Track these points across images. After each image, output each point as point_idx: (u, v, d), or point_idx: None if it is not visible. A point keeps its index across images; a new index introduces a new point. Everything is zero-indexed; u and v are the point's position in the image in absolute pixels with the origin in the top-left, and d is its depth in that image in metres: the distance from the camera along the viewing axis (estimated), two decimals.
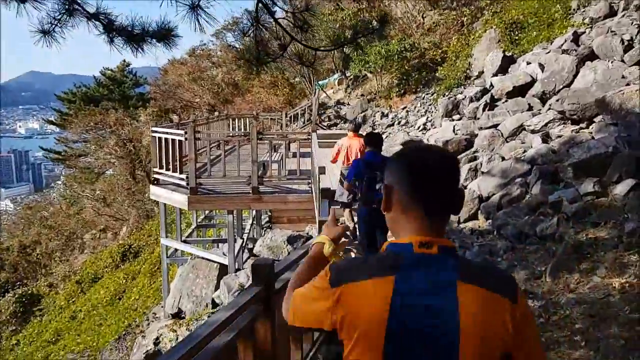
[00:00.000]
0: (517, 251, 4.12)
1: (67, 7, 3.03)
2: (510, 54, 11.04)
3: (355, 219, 5.28)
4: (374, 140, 4.90)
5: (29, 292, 20.59)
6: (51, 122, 36.33)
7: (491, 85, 10.38)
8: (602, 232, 3.66)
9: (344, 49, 3.53)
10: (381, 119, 15.56)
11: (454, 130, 8.67)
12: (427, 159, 1.13)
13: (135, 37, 3.39)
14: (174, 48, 3.73)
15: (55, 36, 3.18)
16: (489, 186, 5.76)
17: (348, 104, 19.71)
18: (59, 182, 36.45)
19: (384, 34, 3.58)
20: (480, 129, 7.73)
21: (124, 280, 17.32)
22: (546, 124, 6.43)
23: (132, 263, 18.67)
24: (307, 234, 6.43)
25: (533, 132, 6.57)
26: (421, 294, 1.02)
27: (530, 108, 7.51)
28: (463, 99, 10.64)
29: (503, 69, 10.42)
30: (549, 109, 6.85)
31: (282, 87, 24.05)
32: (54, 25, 3.13)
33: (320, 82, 23.73)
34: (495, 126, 7.43)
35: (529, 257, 3.88)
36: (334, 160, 6.24)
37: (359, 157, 5.62)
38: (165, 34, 3.68)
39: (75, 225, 26.32)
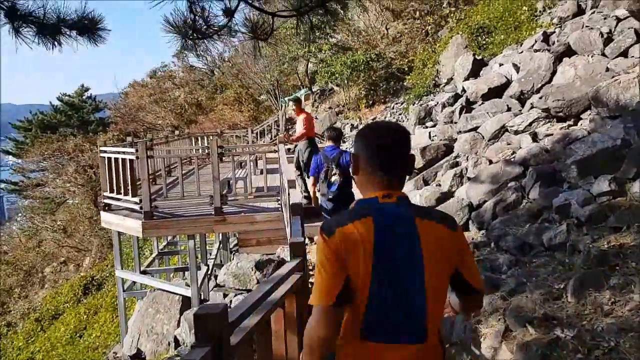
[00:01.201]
0: (523, 265, 3.52)
1: None
2: (480, 57, 10.75)
3: None
4: (333, 135, 5.26)
5: None
6: (7, 153, 34.52)
7: (463, 89, 10.02)
8: (627, 238, 3.10)
9: (309, 16, 2.77)
10: (351, 130, 15.07)
11: (429, 137, 8.18)
12: (381, 133, 1.55)
13: (48, 27, 2.65)
14: (100, 43, 3.00)
15: None
16: (478, 193, 5.19)
17: (316, 118, 19.20)
18: (20, 214, 34.59)
19: None
20: (459, 132, 7.24)
21: (85, 316, 16.22)
22: (530, 124, 5.98)
23: (94, 296, 17.61)
24: (278, 257, 5.71)
25: (516, 132, 6.10)
26: (392, 225, 1.43)
27: (509, 109, 7.08)
28: (435, 105, 10.23)
29: (474, 73, 10.09)
30: (532, 107, 6.42)
31: (246, 104, 23.46)
32: None
33: (286, 98, 23.24)
34: (475, 129, 6.95)
35: (539, 272, 3.28)
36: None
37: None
38: (88, 26, 2.95)
39: (35, 259, 25.03)
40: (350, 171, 1.56)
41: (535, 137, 5.70)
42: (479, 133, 6.81)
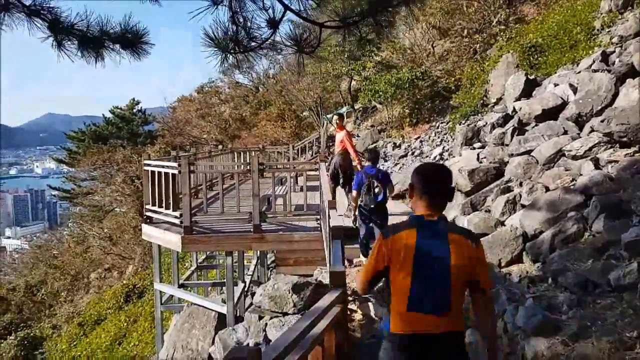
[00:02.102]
0: (586, 306, 3.17)
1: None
2: (532, 77, 10.29)
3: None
4: (371, 156, 6.33)
5: (32, 334, 20.07)
6: (60, 161, 36.30)
7: (514, 110, 9.59)
8: None
9: (358, 28, 2.59)
10: (393, 149, 14.78)
11: (478, 159, 7.80)
12: (429, 171, 2.31)
13: (91, 40, 2.60)
14: (144, 57, 2.94)
15: None
16: (534, 222, 4.82)
17: (358, 136, 19.03)
18: (70, 220, 36.17)
19: (416, 3, 2.66)
20: (512, 155, 6.84)
21: (125, 324, 16.53)
22: (590, 149, 5.54)
23: (135, 304, 17.95)
24: (316, 279, 5.52)
25: (575, 157, 5.67)
26: (429, 237, 2.12)
27: (565, 132, 6.64)
28: (484, 125, 9.84)
29: (526, 93, 9.64)
30: (592, 131, 5.98)
31: (289, 120, 23.62)
32: None
33: (328, 115, 23.24)
34: (528, 152, 6.54)
35: (605, 316, 2.93)
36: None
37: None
38: (132, 40, 2.90)
39: (82, 265, 25.95)
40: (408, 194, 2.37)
41: (597, 164, 5.27)
42: (533, 157, 6.40)
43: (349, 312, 4.26)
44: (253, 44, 2.69)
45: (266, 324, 4.91)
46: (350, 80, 21.87)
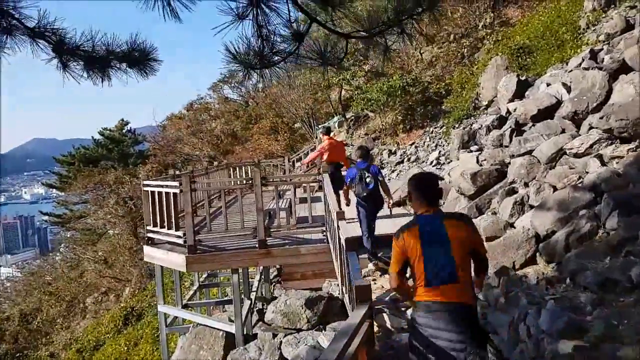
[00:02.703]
0: (609, 305, 3.15)
1: (1, 22, 2.23)
2: (524, 78, 10.40)
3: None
4: (362, 153, 6.96)
5: None
6: (51, 186, 35.88)
7: (508, 111, 9.68)
8: None
9: (384, 37, 2.60)
10: (389, 156, 14.81)
11: (478, 162, 7.83)
12: (420, 178, 3.04)
13: (97, 60, 2.55)
14: (151, 75, 2.89)
15: None
16: (545, 222, 4.81)
17: (352, 145, 19.05)
18: (62, 245, 35.64)
19: (439, 10, 2.66)
20: (512, 156, 6.87)
21: (126, 347, 16.23)
22: (591, 146, 5.58)
23: (134, 327, 17.65)
24: (328, 293, 5.45)
25: (576, 155, 5.71)
26: (429, 227, 2.79)
27: (563, 131, 6.69)
28: (479, 128, 9.90)
29: (519, 94, 9.74)
30: (590, 128, 6.02)
31: (282, 133, 23.61)
32: None
33: (320, 126, 23.27)
34: (529, 152, 6.57)
35: (630, 314, 2.90)
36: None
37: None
38: (139, 58, 2.85)
39: (77, 290, 25.53)
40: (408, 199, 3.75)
41: (602, 160, 5.30)
42: (534, 157, 6.43)
43: None
44: (277, 58, 2.65)
45: (281, 341, 4.82)
46: (340, 90, 21.96)
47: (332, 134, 22.40)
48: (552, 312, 3.17)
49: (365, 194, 6.48)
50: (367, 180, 6.53)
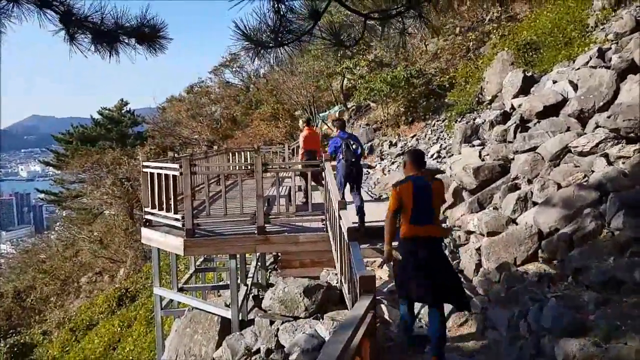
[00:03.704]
0: (614, 305, 3.13)
1: None
2: (530, 74, 10.31)
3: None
4: (340, 124, 8.02)
5: (22, 341, 19.73)
6: (48, 164, 35.70)
7: (512, 107, 9.60)
8: None
9: (402, 20, 2.53)
10: (389, 148, 14.74)
11: (480, 156, 7.78)
12: (416, 151, 4.71)
13: (105, 34, 2.46)
14: (160, 53, 2.80)
15: None
16: (549, 219, 4.78)
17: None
18: (58, 224, 35.55)
19: None
20: (516, 152, 6.82)
21: (119, 328, 16.27)
22: (597, 145, 5.54)
23: (128, 308, 17.69)
24: (326, 282, 5.43)
25: (581, 154, 5.67)
26: (419, 184, 4.13)
27: (568, 128, 6.64)
28: (482, 123, 9.84)
29: (524, 90, 9.66)
30: (597, 127, 5.97)
31: (282, 119, 23.47)
32: None
33: (321, 114, 23.14)
34: (533, 149, 6.53)
35: (634, 314, 2.88)
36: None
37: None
38: (149, 34, 2.75)
39: (72, 269, 25.54)
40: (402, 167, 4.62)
41: (607, 160, 5.26)
42: (539, 154, 6.39)
43: None
44: (290, 36, 2.56)
45: (278, 328, 4.81)
46: (342, 79, 21.81)
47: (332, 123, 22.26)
48: (554, 310, 3.15)
49: (353, 159, 7.22)
50: (354, 146, 7.31)
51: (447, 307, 4.15)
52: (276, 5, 2.37)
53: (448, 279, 3.91)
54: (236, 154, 14.83)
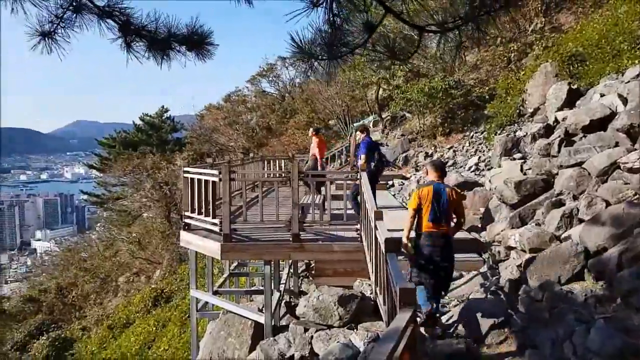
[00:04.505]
0: None
1: (72, 1, 2.28)
2: (575, 86, 10.01)
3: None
4: (368, 131, 8.72)
5: (62, 335, 20.45)
6: (92, 167, 37.13)
7: (556, 120, 9.34)
8: None
9: (459, 33, 2.52)
10: (425, 159, 14.58)
11: (522, 170, 7.59)
12: (437, 162, 5.60)
13: (159, 42, 2.58)
14: (207, 59, 2.91)
15: (57, 39, 2.42)
16: (597, 238, 4.61)
17: (387, 145, 18.88)
18: (99, 225, 36.85)
19: (516, 8, 2.55)
20: (560, 167, 6.62)
21: (154, 328, 16.65)
22: None
23: (163, 308, 18.08)
24: (361, 292, 5.41)
25: (631, 170, 5.44)
26: (438, 189, 5.02)
27: (617, 144, 6.39)
28: (524, 136, 9.61)
29: (569, 103, 9.38)
30: None
31: None
32: (55, 25, 2.38)
33: (355, 124, 23.17)
34: (579, 164, 6.31)
35: None
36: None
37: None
38: (197, 41, 2.87)
39: (111, 268, 26.30)
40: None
41: None
42: (585, 169, 6.17)
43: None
44: (344, 49, 2.60)
45: (312, 336, 4.82)
46: (377, 89, 21.79)
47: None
48: (603, 332, 3.02)
49: (379, 166, 8.16)
50: (376, 157, 8.13)
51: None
52: (332, 18, 2.42)
53: (448, 271, 5.07)
54: (271, 161, 15.01)
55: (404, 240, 4.94)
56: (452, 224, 5.08)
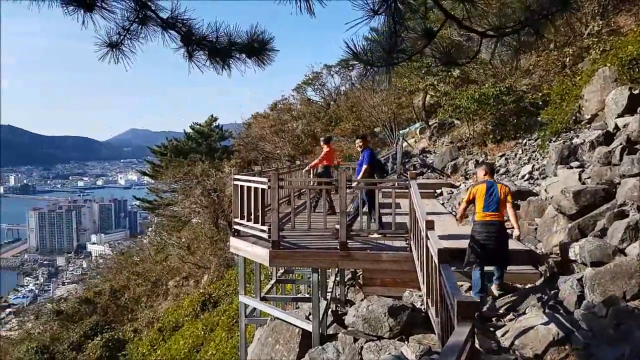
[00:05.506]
0: None
1: (138, 14, 2.40)
2: (637, 91, 9.49)
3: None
4: (368, 140, 9.05)
5: (115, 337, 21.12)
6: (145, 174, 38.70)
7: (616, 127, 8.89)
8: None
9: (518, 38, 2.47)
10: (475, 167, 14.20)
11: (580, 179, 7.25)
12: (487, 163, 8.58)
13: (220, 51, 2.67)
14: (267, 65, 2.97)
15: (124, 50, 2.56)
16: None
17: (434, 152, 18.55)
18: (150, 229, 38.27)
19: (574, 10, 2.47)
20: (623, 176, 6.27)
21: (203, 332, 17.00)
22: None
23: (211, 313, 18.43)
24: (411, 303, 5.31)
25: None
26: (490, 185, 6.18)
27: None
28: (581, 143, 9.18)
29: (631, 109, 8.90)
30: None
31: None
32: (122, 37, 2.51)
33: (401, 131, 22.93)
34: None
35: None
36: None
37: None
38: (257, 48, 2.94)
39: (161, 272, 27.04)
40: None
41: None
42: None
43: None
44: (402, 55, 2.60)
45: (362, 347, 4.78)
46: (424, 96, 21.49)
47: (413, 140, 21.99)
48: None
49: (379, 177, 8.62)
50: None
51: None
52: (392, 26, 2.42)
53: (502, 250, 5.99)
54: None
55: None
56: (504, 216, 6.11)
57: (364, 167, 8.32)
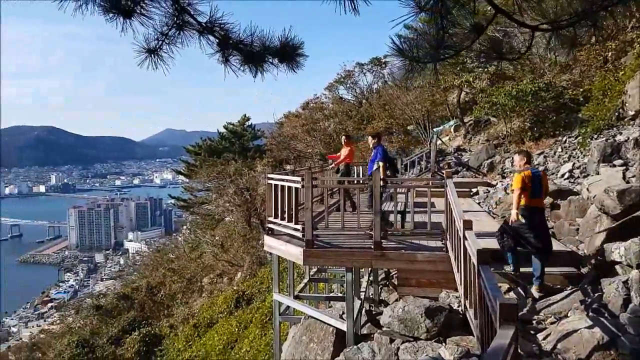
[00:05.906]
0: None
1: (176, 19, 2.46)
2: None
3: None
4: (380, 137, 9.43)
5: (152, 332, 21.68)
6: (180, 173, 39.61)
7: None
8: None
9: (574, 31, 2.41)
10: (512, 165, 13.85)
11: (624, 178, 6.96)
12: (528, 151, 7.70)
13: (255, 56, 2.70)
14: (298, 70, 3.00)
15: (162, 55, 2.63)
16: None
17: (470, 150, 18.20)
18: (185, 227, 39.14)
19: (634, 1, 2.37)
20: None
21: (236, 329, 17.24)
22: None
23: (244, 310, 18.67)
24: (448, 304, 5.23)
25: None
26: (535, 172, 6.42)
27: None
28: (625, 141, 8.82)
29: None
30: None
31: (396, 135, 23.33)
32: (161, 42, 2.58)
33: (435, 129, 22.59)
34: None
35: None
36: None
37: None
38: (289, 53, 2.97)
39: (196, 269, 27.57)
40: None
41: None
42: None
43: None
44: (450, 51, 2.57)
45: (398, 347, 4.75)
46: (459, 93, 21.09)
47: (447, 138, 21.64)
48: None
49: (391, 175, 8.65)
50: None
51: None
52: (440, 21, 2.39)
53: (548, 237, 6.26)
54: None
55: (514, 217, 6.22)
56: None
57: (380, 163, 8.45)
